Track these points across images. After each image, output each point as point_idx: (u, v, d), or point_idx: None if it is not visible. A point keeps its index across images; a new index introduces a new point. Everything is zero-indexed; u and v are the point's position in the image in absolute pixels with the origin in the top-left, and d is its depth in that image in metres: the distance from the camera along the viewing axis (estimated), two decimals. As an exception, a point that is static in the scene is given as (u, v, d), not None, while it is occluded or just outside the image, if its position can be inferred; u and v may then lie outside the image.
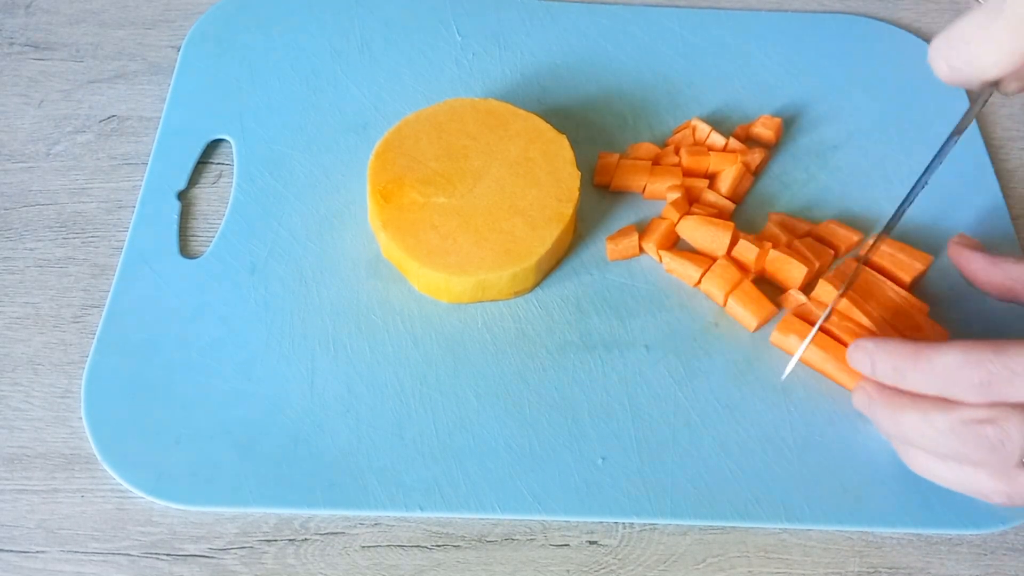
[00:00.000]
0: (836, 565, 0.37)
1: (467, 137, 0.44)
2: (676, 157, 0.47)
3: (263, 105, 0.49)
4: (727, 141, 0.47)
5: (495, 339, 0.42)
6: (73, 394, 0.40)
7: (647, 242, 0.44)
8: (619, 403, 0.40)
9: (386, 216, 0.42)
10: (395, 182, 0.42)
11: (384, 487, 0.37)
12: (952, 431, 0.32)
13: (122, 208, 0.46)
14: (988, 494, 0.33)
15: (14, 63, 0.52)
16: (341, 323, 0.42)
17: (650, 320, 0.43)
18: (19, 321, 0.42)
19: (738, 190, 0.46)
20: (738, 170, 0.46)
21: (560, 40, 0.53)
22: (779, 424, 0.40)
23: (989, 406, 0.31)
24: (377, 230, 0.43)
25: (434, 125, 0.44)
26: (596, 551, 0.37)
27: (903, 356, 0.34)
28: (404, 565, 0.37)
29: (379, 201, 0.42)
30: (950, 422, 0.32)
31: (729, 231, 0.43)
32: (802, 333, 0.40)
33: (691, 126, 0.48)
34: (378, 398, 0.40)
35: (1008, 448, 0.31)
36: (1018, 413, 0.31)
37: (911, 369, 0.33)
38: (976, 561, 0.37)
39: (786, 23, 0.55)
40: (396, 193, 0.42)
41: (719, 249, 0.43)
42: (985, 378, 0.31)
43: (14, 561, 0.36)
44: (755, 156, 0.47)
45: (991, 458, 0.31)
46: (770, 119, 0.48)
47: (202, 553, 0.37)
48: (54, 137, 0.49)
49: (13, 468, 0.38)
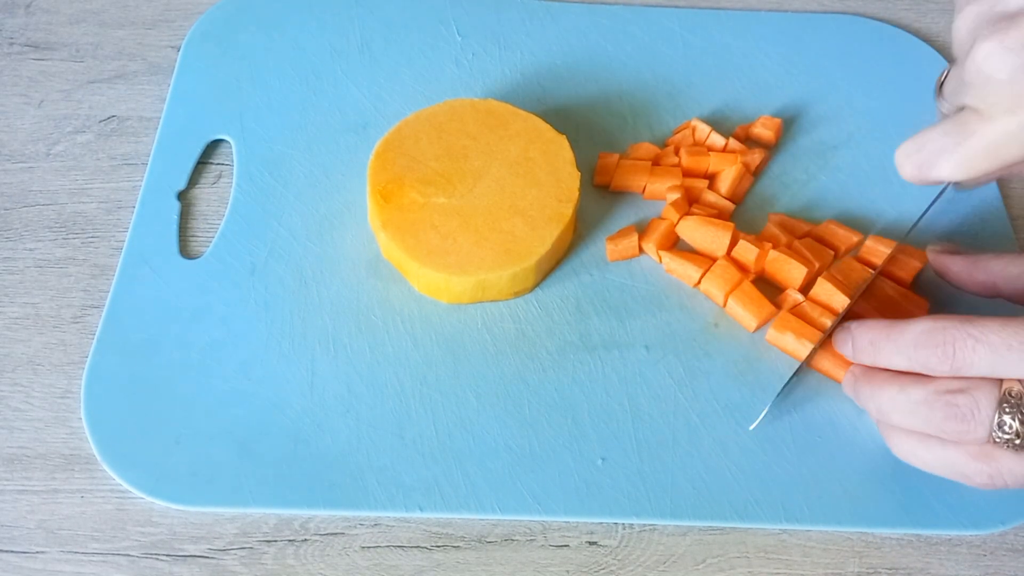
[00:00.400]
0: (836, 565, 0.37)
1: (467, 137, 0.44)
2: (676, 157, 0.47)
3: (263, 105, 0.49)
4: (727, 141, 0.47)
5: (495, 339, 0.42)
6: (73, 394, 0.40)
7: (647, 242, 0.44)
8: (619, 404, 0.40)
9: (386, 216, 0.42)
10: (395, 182, 0.42)
11: (384, 487, 0.37)
12: (926, 401, 0.32)
13: (122, 208, 0.46)
14: (970, 475, 0.33)
15: (14, 63, 0.52)
16: (341, 323, 0.42)
17: (650, 320, 0.43)
18: (19, 321, 0.42)
19: (738, 190, 0.46)
20: (738, 171, 0.46)
21: (560, 40, 0.53)
22: (779, 424, 0.40)
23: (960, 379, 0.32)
24: (377, 230, 0.43)
25: (434, 125, 0.44)
26: (596, 552, 0.37)
27: (878, 330, 0.35)
28: (404, 566, 0.37)
29: (379, 201, 0.42)
30: (924, 393, 0.33)
31: (729, 231, 0.43)
32: (798, 331, 0.40)
33: (691, 126, 0.48)
34: (378, 398, 0.40)
35: (977, 418, 0.31)
36: (987, 385, 0.31)
37: (884, 340, 0.34)
38: (976, 561, 0.37)
39: (786, 23, 0.55)
40: (396, 193, 0.42)
41: (719, 249, 0.43)
42: (950, 344, 0.32)
43: (14, 561, 0.36)
44: (755, 156, 0.47)
45: (962, 429, 0.32)
46: (770, 119, 0.48)
47: (202, 553, 0.37)
48: (54, 137, 0.49)
49: (13, 468, 0.38)
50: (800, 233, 0.45)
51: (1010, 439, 0.31)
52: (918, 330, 0.33)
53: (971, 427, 0.32)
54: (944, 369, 0.32)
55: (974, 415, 0.31)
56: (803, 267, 0.42)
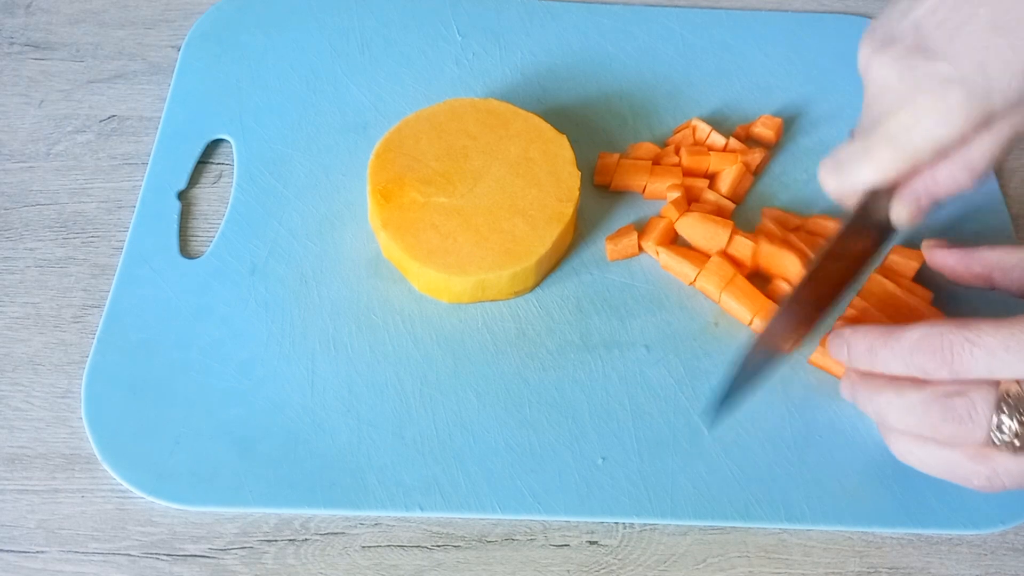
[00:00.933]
0: (836, 565, 0.37)
1: (467, 137, 0.44)
2: (676, 157, 0.47)
3: (263, 105, 0.49)
4: (727, 141, 0.47)
5: (495, 339, 0.42)
6: (73, 394, 0.40)
7: (646, 241, 0.44)
8: (619, 403, 0.40)
9: (386, 215, 0.42)
10: (395, 181, 0.42)
11: (384, 487, 0.37)
12: (924, 404, 0.33)
13: (122, 208, 0.46)
14: (968, 477, 0.33)
15: (14, 63, 0.52)
16: (341, 323, 0.42)
17: (650, 320, 0.43)
18: (19, 321, 0.42)
19: (738, 190, 0.46)
20: (738, 170, 0.46)
21: (560, 40, 0.53)
22: (779, 424, 0.40)
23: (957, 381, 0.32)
24: (377, 230, 0.43)
25: (434, 125, 0.44)
26: (596, 551, 0.37)
27: (875, 336, 0.35)
28: (404, 565, 0.37)
29: (379, 200, 0.42)
30: (922, 396, 0.33)
31: (728, 228, 0.43)
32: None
33: (691, 126, 0.48)
34: (378, 398, 0.40)
35: (975, 420, 0.31)
36: (985, 386, 0.32)
37: (881, 347, 0.34)
38: (976, 561, 0.37)
39: (786, 23, 0.55)
40: (396, 193, 0.42)
41: (717, 246, 0.43)
42: (947, 349, 0.32)
43: (14, 561, 0.36)
44: (755, 156, 0.47)
45: (960, 431, 0.32)
46: (770, 119, 0.48)
47: (202, 553, 0.37)
48: (54, 137, 0.49)
49: (13, 468, 0.38)
50: (793, 226, 0.45)
51: (1009, 440, 0.31)
52: (914, 336, 0.33)
53: (969, 429, 0.32)
54: (942, 373, 0.32)
55: (972, 417, 0.31)
56: (796, 258, 0.42)
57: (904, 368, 0.34)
